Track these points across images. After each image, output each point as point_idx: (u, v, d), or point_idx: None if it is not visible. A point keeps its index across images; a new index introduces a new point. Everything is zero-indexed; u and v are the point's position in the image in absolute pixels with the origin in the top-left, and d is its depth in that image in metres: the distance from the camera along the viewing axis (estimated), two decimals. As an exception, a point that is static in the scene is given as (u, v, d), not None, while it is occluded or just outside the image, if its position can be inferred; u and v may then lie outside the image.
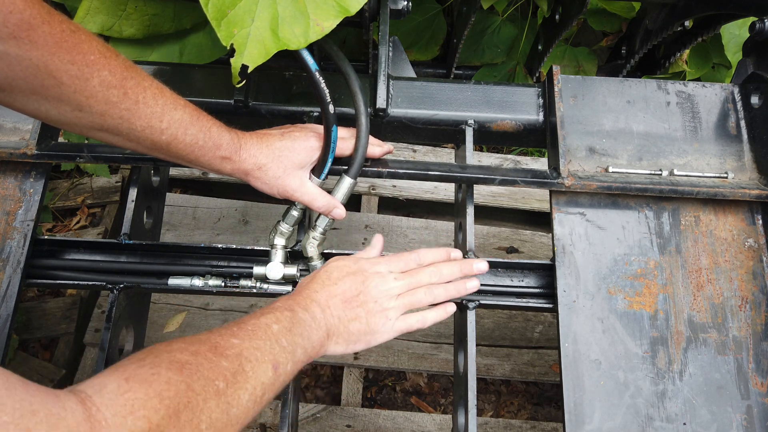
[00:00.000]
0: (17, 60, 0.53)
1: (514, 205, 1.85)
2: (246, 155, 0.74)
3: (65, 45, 0.55)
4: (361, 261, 0.77)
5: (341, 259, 0.78)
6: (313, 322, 0.68)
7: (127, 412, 0.44)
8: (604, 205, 0.85)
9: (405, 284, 0.76)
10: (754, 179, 0.86)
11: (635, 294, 0.81)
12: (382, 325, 0.73)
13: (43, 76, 0.55)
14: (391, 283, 0.75)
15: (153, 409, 0.46)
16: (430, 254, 0.80)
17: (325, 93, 0.77)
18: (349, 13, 0.72)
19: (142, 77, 0.63)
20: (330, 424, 1.48)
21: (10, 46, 0.52)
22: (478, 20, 1.48)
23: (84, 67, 0.57)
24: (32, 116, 0.62)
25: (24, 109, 0.60)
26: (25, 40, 0.52)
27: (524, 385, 1.64)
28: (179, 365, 0.51)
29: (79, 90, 0.58)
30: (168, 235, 1.72)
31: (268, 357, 0.59)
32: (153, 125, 0.64)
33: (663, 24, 1.14)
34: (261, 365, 0.58)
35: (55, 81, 0.56)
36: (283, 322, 0.64)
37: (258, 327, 0.62)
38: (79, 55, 0.57)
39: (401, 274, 0.77)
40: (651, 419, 0.75)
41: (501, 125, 0.92)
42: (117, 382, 0.46)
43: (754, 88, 0.88)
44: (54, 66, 0.55)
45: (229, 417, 0.53)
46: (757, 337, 0.79)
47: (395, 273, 0.77)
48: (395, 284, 0.75)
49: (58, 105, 0.59)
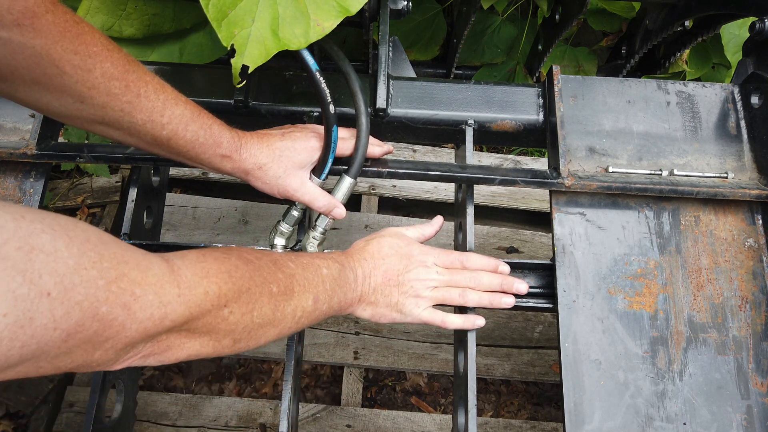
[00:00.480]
0: (20, 48, 0.53)
1: (514, 205, 1.85)
2: (246, 154, 0.74)
3: (68, 35, 0.56)
4: (413, 246, 0.80)
5: (397, 235, 0.81)
6: (353, 283, 0.74)
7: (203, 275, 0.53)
8: (604, 205, 0.85)
9: (444, 280, 0.78)
10: (754, 179, 0.86)
11: (635, 294, 0.81)
12: (409, 310, 0.77)
13: (45, 64, 0.56)
14: (432, 275, 0.78)
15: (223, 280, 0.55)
16: (479, 260, 0.81)
17: (325, 93, 0.77)
18: (349, 13, 0.72)
19: (143, 71, 0.64)
20: (330, 424, 1.48)
21: (14, 33, 0.52)
22: (478, 20, 1.48)
23: (87, 57, 0.58)
24: (33, 108, 0.62)
25: (25, 101, 0.61)
26: (29, 27, 0.53)
27: (524, 385, 1.64)
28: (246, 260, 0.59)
29: (81, 81, 0.58)
30: (168, 235, 1.72)
31: (312, 289, 0.66)
32: (154, 119, 0.65)
33: (663, 24, 1.14)
34: (305, 293, 0.65)
35: (58, 70, 0.56)
36: (332, 270, 0.71)
37: (311, 264, 0.69)
38: (82, 46, 0.57)
39: (444, 270, 0.79)
40: (651, 419, 0.75)
41: (501, 125, 0.92)
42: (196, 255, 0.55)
43: (754, 88, 0.88)
44: (57, 55, 0.55)
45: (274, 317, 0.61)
46: (757, 337, 0.79)
47: (439, 267, 0.79)
48: (435, 277, 0.78)
49: (60, 96, 0.59)
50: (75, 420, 1.43)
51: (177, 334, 0.52)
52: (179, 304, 0.49)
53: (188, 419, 1.47)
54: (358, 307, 0.76)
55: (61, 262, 0.39)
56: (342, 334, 1.60)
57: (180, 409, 1.48)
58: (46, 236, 0.39)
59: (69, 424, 1.43)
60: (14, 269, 0.35)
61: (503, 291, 0.80)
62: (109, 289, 0.42)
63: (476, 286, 0.79)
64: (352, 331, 1.60)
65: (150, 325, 0.46)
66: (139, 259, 0.47)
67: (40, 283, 0.37)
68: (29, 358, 0.38)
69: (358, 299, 0.75)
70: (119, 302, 0.43)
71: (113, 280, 0.43)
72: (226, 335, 0.57)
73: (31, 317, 0.36)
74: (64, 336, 0.39)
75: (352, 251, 0.78)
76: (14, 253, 0.36)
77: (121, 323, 0.44)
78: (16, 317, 0.35)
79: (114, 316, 0.43)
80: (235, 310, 0.56)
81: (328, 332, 1.60)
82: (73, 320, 0.39)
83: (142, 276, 0.46)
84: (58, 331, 0.39)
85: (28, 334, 0.36)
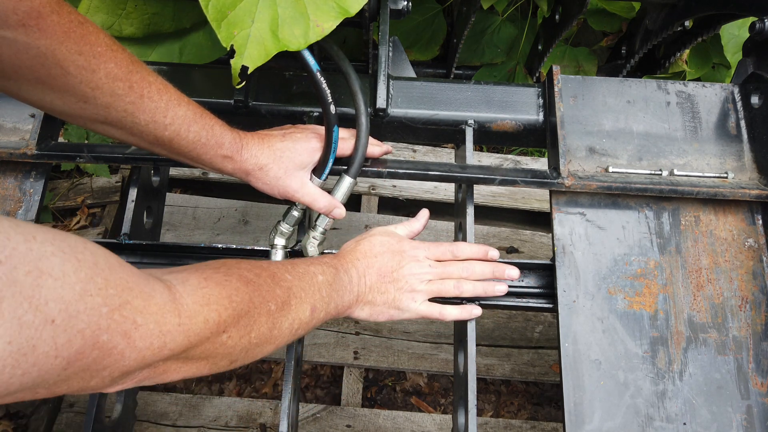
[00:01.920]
0: (25, 48, 0.53)
1: (514, 205, 1.85)
2: (247, 155, 0.74)
3: (73, 35, 0.56)
4: (404, 242, 0.81)
5: (386, 233, 0.81)
6: (349, 285, 0.74)
7: (204, 303, 0.53)
8: (604, 205, 0.85)
9: (437, 272, 0.79)
10: (754, 179, 0.86)
11: (635, 294, 0.81)
12: (407, 305, 0.77)
13: (50, 65, 0.56)
14: (425, 269, 0.78)
15: (223, 306, 0.54)
16: (468, 249, 0.82)
17: (326, 93, 0.77)
18: (349, 14, 0.72)
19: (147, 72, 0.64)
20: (330, 424, 1.48)
21: (19, 33, 0.52)
22: (478, 20, 1.48)
23: (91, 58, 0.58)
24: (37, 106, 0.62)
25: (29, 99, 0.61)
26: (34, 28, 0.53)
27: (524, 385, 1.64)
28: (246, 280, 0.59)
29: (85, 81, 0.58)
30: (168, 235, 1.71)
31: (309, 299, 0.66)
32: (157, 120, 0.65)
33: (663, 24, 1.14)
34: (302, 304, 0.65)
35: (62, 71, 0.56)
36: (327, 276, 0.70)
37: (307, 273, 0.68)
38: (86, 46, 0.57)
39: (436, 262, 0.80)
40: (651, 419, 0.75)
41: (501, 125, 0.92)
42: (197, 279, 0.55)
43: (754, 88, 0.88)
44: (61, 55, 0.55)
45: (271, 335, 0.61)
46: (757, 337, 0.79)
47: (431, 260, 0.80)
48: (428, 270, 0.78)
49: (64, 96, 0.59)
50: (75, 420, 1.43)
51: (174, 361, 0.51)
52: (179, 333, 0.49)
53: (188, 419, 1.47)
54: (356, 308, 0.76)
55: (68, 288, 0.38)
56: (342, 334, 1.60)
57: (180, 409, 1.48)
58: (56, 259, 0.38)
59: (69, 424, 1.43)
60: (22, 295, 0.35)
61: (496, 278, 0.81)
62: (112, 317, 0.42)
63: (469, 276, 0.80)
64: (352, 331, 1.60)
65: (149, 354, 0.46)
66: (142, 286, 0.46)
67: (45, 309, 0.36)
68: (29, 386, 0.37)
69: (355, 300, 0.75)
70: (120, 330, 0.43)
71: (116, 307, 0.42)
72: (223, 358, 0.57)
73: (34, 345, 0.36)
74: (65, 364, 0.39)
75: (344, 253, 0.78)
76: (23, 277, 0.35)
77: (121, 351, 0.43)
78: (20, 345, 0.35)
79: (114, 344, 0.42)
80: (234, 334, 0.56)
81: (328, 332, 1.60)
82: (74, 348, 0.39)
83: (145, 304, 0.45)
84: (59, 359, 0.38)
85: (30, 362, 0.36)
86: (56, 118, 0.87)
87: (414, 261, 0.79)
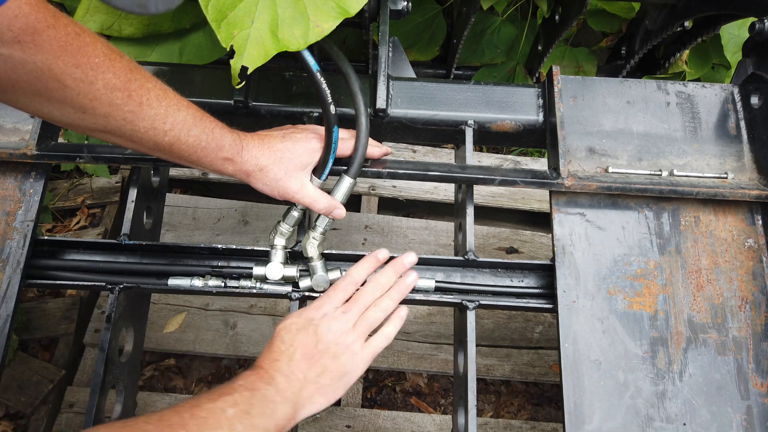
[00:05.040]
0: (21, 63, 0.53)
1: (514, 205, 1.85)
2: (248, 156, 0.74)
3: (70, 49, 0.55)
4: (306, 311, 0.76)
5: (287, 318, 0.76)
6: (277, 396, 0.66)
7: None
8: (604, 206, 0.85)
9: (354, 313, 0.76)
10: (754, 179, 0.86)
11: (635, 294, 0.81)
12: (351, 363, 0.73)
13: (47, 79, 0.55)
14: (342, 318, 0.75)
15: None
16: (360, 270, 0.80)
17: (326, 94, 0.77)
18: (348, 14, 0.72)
19: (146, 78, 0.63)
20: (330, 424, 1.48)
21: (14, 50, 0.52)
22: (478, 20, 1.48)
23: (88, 70, 0.57)
24: (35, 115, 0.62)
25: (26, 109, 0.60)
26: (30, 44, 0.52)
27: (524, 386, 1.64)
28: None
29: (83, 93, 0.58)
30: (168, 236, 1.71)
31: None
32: (156, 127, 0.65)
33: (663, 24, 1.14)
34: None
35: (59, 84, 0.56)
36: (241, 405, 0.62)
37: (211, 413, 0.60)
38: (83, 59, 0.56)
39: (346, 305, 0.77)
40: (651, 419, 0.75)
41: (501, 125, 0.92)
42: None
43: (754, 88, 0.88)
44: (58, 69, 0.55)
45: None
46: (757, 337, 0.79)
47: (340, 307, 0.76)
48: (345, 317, 0.75)
49: (61, 107, 0.59)
50: (75, 420, 1.43)
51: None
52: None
53: (188, 419, 1.46)
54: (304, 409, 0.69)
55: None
56: (342, 334, 1.60)
57: (180, 410, 1.48)
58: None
59: (69, 424, 1.43)
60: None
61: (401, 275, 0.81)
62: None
63: (381, 291, 0.79)
64: (352, 331, 1.60)
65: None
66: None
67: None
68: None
69: (295, 404, 0.68)
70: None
71: None
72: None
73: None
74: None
75: (260, 362, 0.71)
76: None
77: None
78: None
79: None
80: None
81: (328, 332, 1.60)
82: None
83: None
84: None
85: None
86: (56, 119, 0.87)
87: (326, 320, 0.74)
